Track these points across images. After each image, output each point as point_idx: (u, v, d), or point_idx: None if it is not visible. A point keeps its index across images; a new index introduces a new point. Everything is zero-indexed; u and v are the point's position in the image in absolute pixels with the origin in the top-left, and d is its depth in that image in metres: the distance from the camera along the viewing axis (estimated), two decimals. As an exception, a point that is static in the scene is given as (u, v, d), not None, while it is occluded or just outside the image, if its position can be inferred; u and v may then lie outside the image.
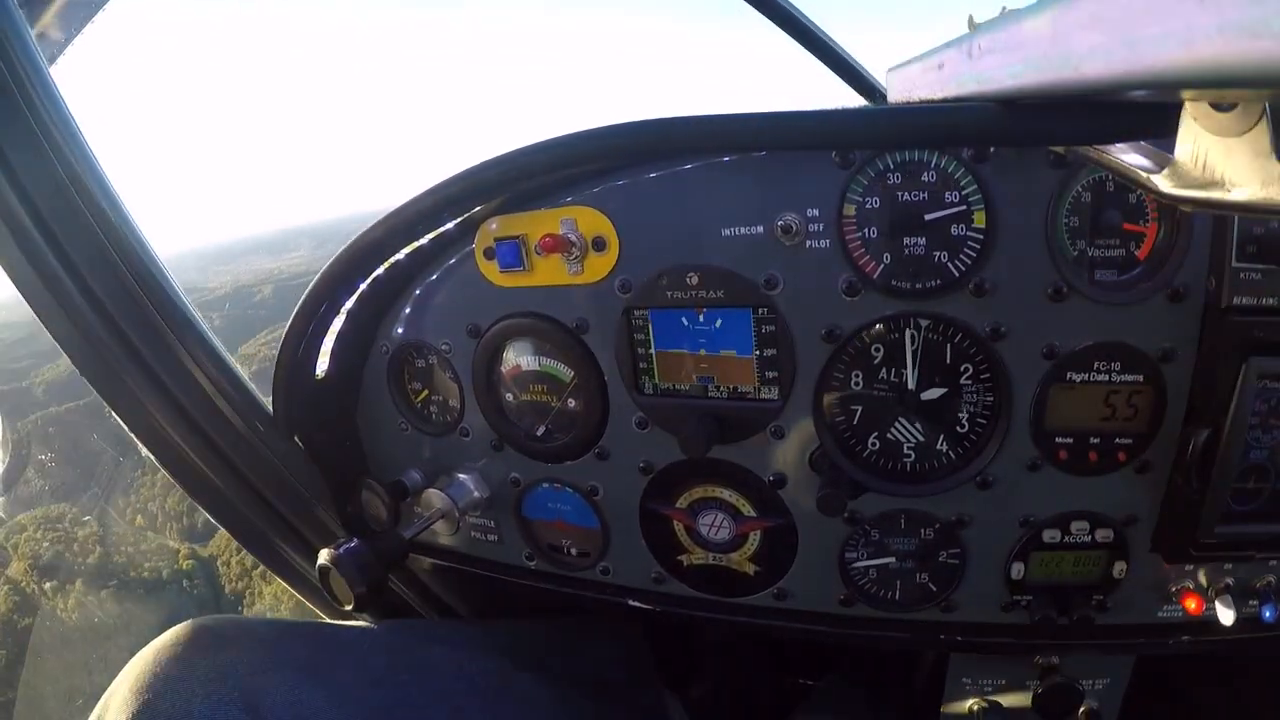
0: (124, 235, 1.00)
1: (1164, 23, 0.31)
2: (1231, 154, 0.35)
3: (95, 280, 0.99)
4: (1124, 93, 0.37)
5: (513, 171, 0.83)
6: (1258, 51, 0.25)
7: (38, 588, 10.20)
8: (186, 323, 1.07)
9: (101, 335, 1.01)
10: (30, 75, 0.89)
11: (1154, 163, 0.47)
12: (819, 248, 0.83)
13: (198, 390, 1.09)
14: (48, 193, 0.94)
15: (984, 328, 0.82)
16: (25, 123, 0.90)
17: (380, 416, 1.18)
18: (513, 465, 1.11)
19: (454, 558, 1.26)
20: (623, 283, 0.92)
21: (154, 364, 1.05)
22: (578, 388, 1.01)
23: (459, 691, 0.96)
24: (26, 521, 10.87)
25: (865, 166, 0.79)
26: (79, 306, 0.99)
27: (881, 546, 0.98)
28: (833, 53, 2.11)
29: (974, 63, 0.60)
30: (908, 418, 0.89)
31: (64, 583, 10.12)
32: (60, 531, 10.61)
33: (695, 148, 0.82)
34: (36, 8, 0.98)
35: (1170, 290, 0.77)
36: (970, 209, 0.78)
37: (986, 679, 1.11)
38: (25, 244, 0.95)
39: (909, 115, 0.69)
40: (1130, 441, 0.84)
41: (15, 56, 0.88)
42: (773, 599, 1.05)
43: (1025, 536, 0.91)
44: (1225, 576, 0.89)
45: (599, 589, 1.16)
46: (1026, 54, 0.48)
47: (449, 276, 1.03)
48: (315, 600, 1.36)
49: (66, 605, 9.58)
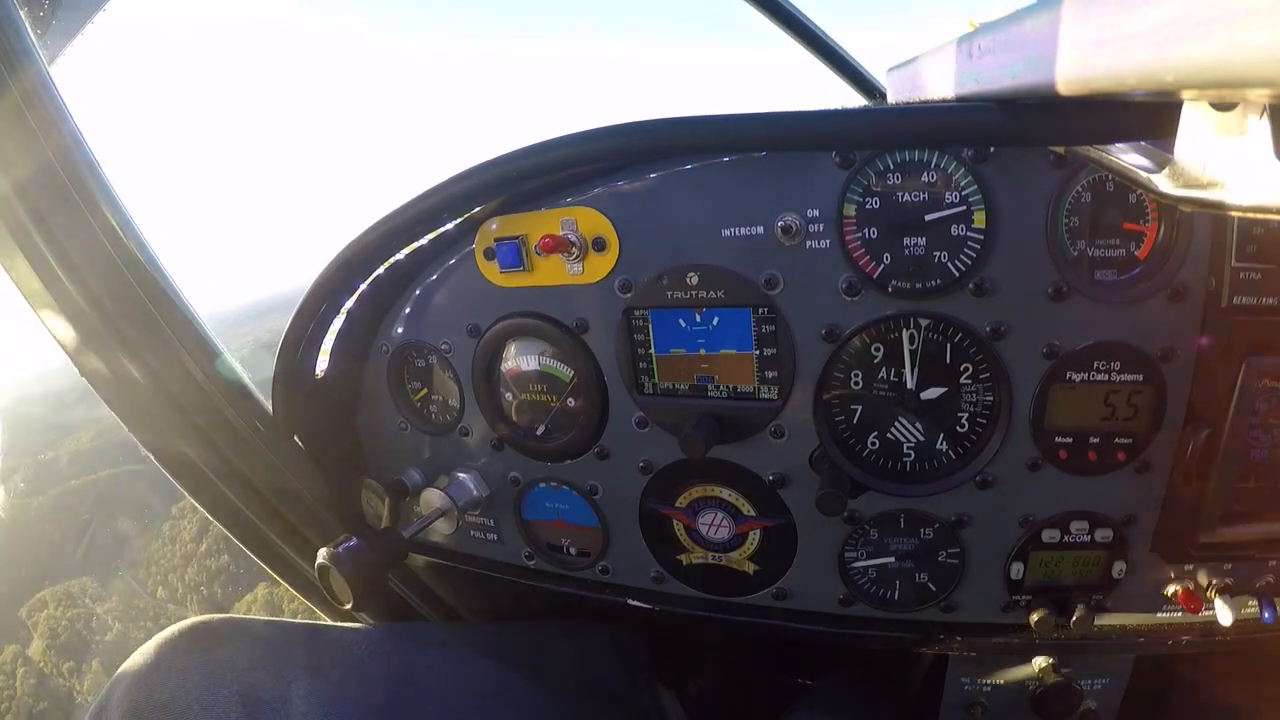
0: (124, 236, 1.00)
1: (1163, 23, 0.31)
2: (1231, 154, 0.35)
3: (95, 280, 0.99)
4: (1124, 93, 0.37)
5: (513, 172, 0.83)
6: (1258, 51, 0.25)
7: (56, 669, 10.19)
8: (187, 323, 1.07)
9: (101, 335, 1.01)
10: (30, 75, 0.89)
11: (1154, 163, 0.47)
12: (819, 248, 0.83)
13: (198, 390, 1.09)
14: (48, 193, 0.94)
15: (984, 327, 0.82)
16: (25, 123, 0.90)
17: (380, 416, 1.18)
18: (512, 465, 1.11)
19: (454, 557, 1.26)
20: (623, 283, 0.92)
21: (154, 364, 1.05)
22: (578, 387, 1.01)
23: (456, 692, 0.96)
24: (48, 597, 10.88)
25: (865, 166, 0.79)
26: (79, 307, 0.99)
27: (881, 546, 0.98)
28: (833, 53, 2.11)
29: (974, 63, 0.60)
30: (908, 417, 0.89)
31: (80, 663, 10.07)
32: (81, 609, 10.53)
33: (696, 148, 0.82)
34: (36, 8, 0.98)
35: (1170, 290, 0.77)
36: (970, 209, 0.78)
37: (986, 679, 1.11)
38: (25, 244, 0.95)
39: (909, 115, 0.69)
40: (1130, 441, 0.84)
41: (15, 56, 0.88)
42: (772, 598, 1.06)
43: (1025, 536, 0.91)
44: (1225, 576, 0.89)
45: (598, 588, 1.16)
46: (1026, 54, 0.48)
47: (449, 276, 1.03)
48: (315, 600, 1.36)
49: (83, 688, 9.53)
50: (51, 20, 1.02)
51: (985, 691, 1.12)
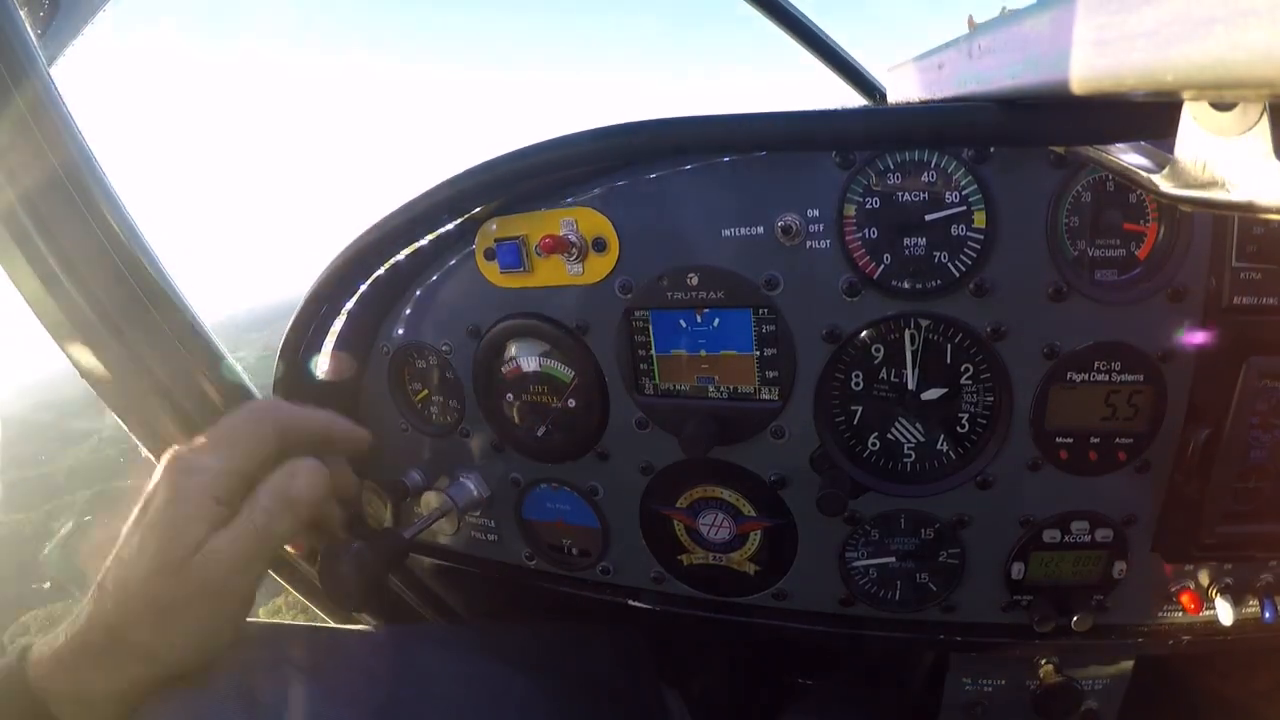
0: (124, 236, 1.00)
1: (1163, 23, 0.31)
2: (1231, 154, 0.35)
3: (95, 281, 0.99)
4: (1124, 93, 0.37)
5: (513, 172, 0.83)
6: (1258, 51, 0.25)
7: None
8: (187, 324, 1.07)
9: (101, 336, 1.01)
10: (30, 75, 0.89)
11: (1154, 163, 0.47)
12: (819, 248, 0.83)
13: (198, 391, 1.09)
14: (47, 193, 0.94)
15: (984, 328, 0.82)
16: (25, 123, 0.90)
17: (380, 417, 1.18)
18: (513, 465, 1.11)
19: (454, 558, 1.26)
20: (623, 283, 0.92)
21: (154, 365, 1.05)
22: (578, 388, 1.01)
23: (457, 694, 0.96)
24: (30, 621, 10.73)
25: (865, 167, 0.79)
26: (79, 307, 0.99)
27: (881, 546, 0.98)
28: (833, 53, 2.11)
29: (974, 63, 0.60)
30: (908, 418, 0.89)
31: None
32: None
33: (696, 148, 0.82)
34: (36, 8, 0.98)
35: (1170, 290, 0.77)
36: (970, 209, 0.78)
37: (986, 679, 1.11)
38: (25, 244, 0.95)
39: (909, 115, 0.69)
40: (1130, 441, 0.84)
41: (15, 56, 0.88)
42: (772, 599, 1.06)
43: (1025, 536, 0.91)
44: (1225, 576, 0.89)
45: (599, 589, 1.16)
46: (1026, 54, 0.48)
47: (449, 277, 1.03)
48: (315, 601, 1.36)
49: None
50: (51, 20, 1.02)
51: (986, 691, 1.12)
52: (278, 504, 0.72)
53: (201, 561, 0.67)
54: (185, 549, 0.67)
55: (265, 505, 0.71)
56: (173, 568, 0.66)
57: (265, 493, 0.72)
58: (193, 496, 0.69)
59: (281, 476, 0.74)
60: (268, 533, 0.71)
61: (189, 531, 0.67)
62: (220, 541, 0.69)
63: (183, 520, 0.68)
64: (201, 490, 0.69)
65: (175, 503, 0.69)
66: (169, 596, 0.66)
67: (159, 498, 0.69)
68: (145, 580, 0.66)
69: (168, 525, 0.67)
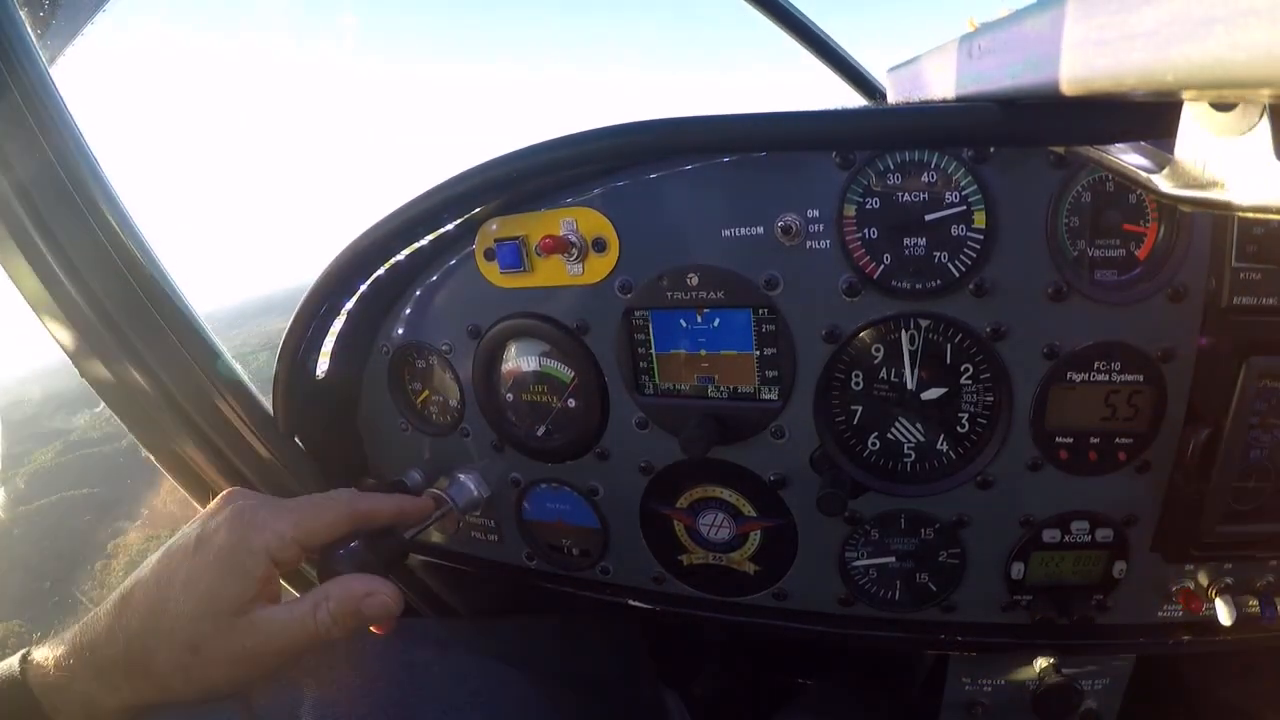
0: (124, 236, 1.00)
1: (1163, 23, 0.31)
2: (1231, 154, 0.35)
3: (95, 280, 0.99)
4: (1124, 93, 0.37)
5: (513, 172, 0.83)
6: (1258, 51, 0.25)
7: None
8: (187, 324, 1.07)
9: (101, 335, 1.01)
10: (30, 75, 0.89)
11: (1154, 163, 0.47)
12: (819, 248, 0.83)
13: (197, 390, 1.09)
14: (47, 193, 0.94)
15: (984, 328, 0.82)
16: (25, 123, 0.90)
17: (380, 417, 1.18)
18: (513, 465, 1.11)
19: (454, 558, 1.26)
20: (623, 283, 0.92)
21: (153, 364, 1.05)
22: (578, 388, 1.01)
23: (456, 692, 0.96)
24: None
25: (865, 167, 0.79)
26: (78, 307, 0.99)
27: (881, 546, 0.98)
28: (833, 53, 2.11)
29: (974, 63, 0.60)
30: (908, 418, 0.89)
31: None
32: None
33: (696, 148, 0.82)
34: (36, 8, 0.98)
35: (1170, 290, 0.77)
36: (970, 209, 0.78)
37: (986, 679, 1.11)
38: (25, 244, 0.95)
39: (909, 115, 0.69)
40: (1130, 441, 0.84)
41: (15, 56, 0.88)
42: (772, 598, 1.06)
43: (1025, 536, 0.91)
44: (1225, 576, 0.89)
45: (599, 589, 1.16)
46: (1026, 54, 0.48)
47: (449, 277, 1.03)
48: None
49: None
50: (51, 20, 1.02)
51: (986, 691, 1.12)
52: (345, 613, 0.72)
53: (248, 627, 0.67)
54: (232, 603, 0.67)
55: (334, 610, 0.71)
56: (214, 617, 0.66)
57: (339, 597, 0.72)
58: (256, 551, 0.69)
59: (361, 588, 0.74)
60: (324, 633, 0.71)
61: (242, 586, 0.68)
62: (276, 620, 0.69)
63: (240, 573, 0.68)
64: (264, 549, 0.70)
65: (237, 552, 0.69)
66: (203, 641, 0.66)
67: (221, 540, 0.69)
68: (184, 616, 0.66)
69: (225, 573, 0.67)
